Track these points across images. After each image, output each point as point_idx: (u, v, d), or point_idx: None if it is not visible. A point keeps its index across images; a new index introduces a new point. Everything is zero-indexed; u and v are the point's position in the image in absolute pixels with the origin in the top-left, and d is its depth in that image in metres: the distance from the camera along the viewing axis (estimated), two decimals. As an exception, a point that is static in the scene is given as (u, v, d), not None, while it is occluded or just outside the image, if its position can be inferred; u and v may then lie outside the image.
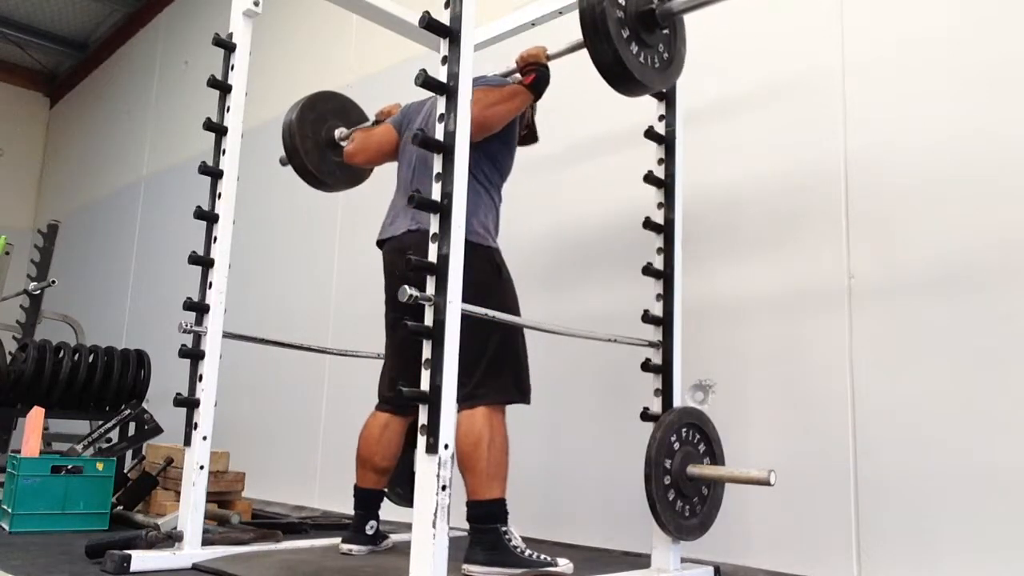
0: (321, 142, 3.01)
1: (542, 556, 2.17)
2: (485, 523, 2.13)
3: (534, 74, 2.36)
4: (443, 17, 1.88)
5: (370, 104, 4.55)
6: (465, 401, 2.15)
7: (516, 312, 2.33)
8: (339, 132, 3.03)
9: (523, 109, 2.40)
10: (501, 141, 2.39)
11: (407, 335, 1.81)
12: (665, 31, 2.13)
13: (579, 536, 2.86)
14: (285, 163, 3.01)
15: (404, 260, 2.29)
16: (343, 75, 4.54)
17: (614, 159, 3.07)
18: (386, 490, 2.57)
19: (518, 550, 2.14)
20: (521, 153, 2.69)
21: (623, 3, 1.99)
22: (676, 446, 2.19)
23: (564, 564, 2.21)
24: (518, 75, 2.44)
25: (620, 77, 2.01)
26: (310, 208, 4.52)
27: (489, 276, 2.29)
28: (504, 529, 2.14)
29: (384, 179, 2.89)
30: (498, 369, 2.25)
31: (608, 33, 1.93)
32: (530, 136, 2.66)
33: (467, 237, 2.01)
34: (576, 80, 2.59)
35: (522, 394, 2.30)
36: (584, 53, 2.05)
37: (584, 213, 3.17)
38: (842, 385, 2.35)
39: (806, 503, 2.37)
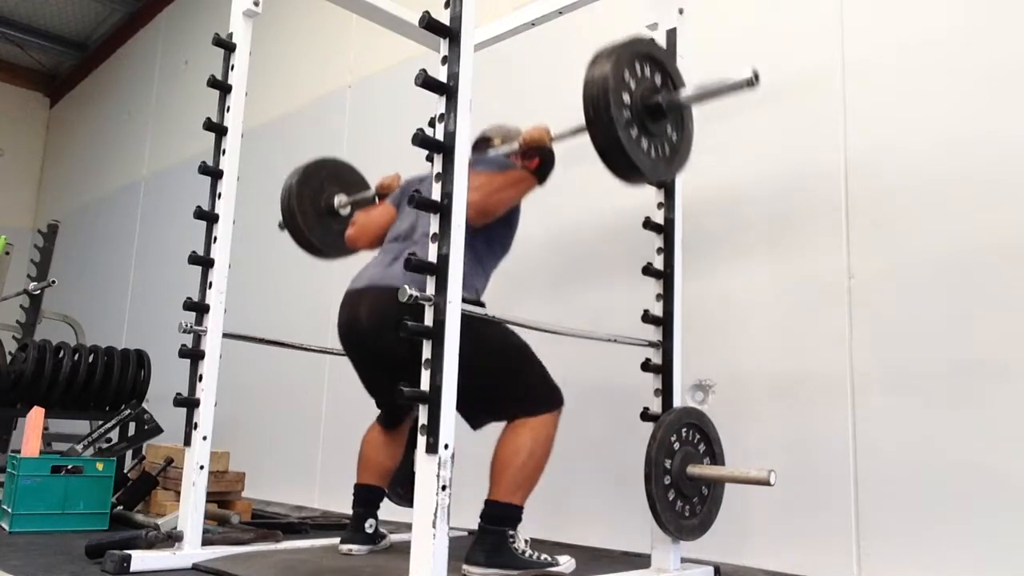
0: (320, 211, 2.98)
1: (543, 557, 2.18)
2: (494, 524, 2.14)
3: (539, 158, 2.33)
4: (443, 17, 1.88)
5: (370, 104, 4.56)
6: (511, 420, 2.20)
7: (514, 337, 2.30)
8: (339, 199, 3.00)
9: (527, 194, 2.35)
10: (503, 223, 2.36)
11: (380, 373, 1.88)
12: (671, 121, 2.06)
13: (579, 536, 2.86)
14: (283, 228, 2.98)
15: (366, 311, 2.25)
16: (343, 75, 4.54)
17: (614, 159, 3.07)
18: (387, 489, 2.58)
19: (519, 551, 2.14)
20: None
21: (628, 100, 1.92)
22: (676, 446, 2.19)
23: (566, 562, 2.21)
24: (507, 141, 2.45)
25: (629, 175, 1.95)
26: (310, 208, 4.52)
27: (478, 326, 2.17)
28: (511, 533, 2.14)
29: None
30: (527, 387, 2.24)
31: (612, 125, 1.84)
32: None
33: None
34: (577, 80, 2.58)
35: (553, 400, 2.28)
36: (584, 48, 2.03)
37: (584, 213, 3.17)
38: (842, 385, 2.35)
39: (806, 503, 2.37)
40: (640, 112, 1.95)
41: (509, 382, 2.25)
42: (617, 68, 1.89)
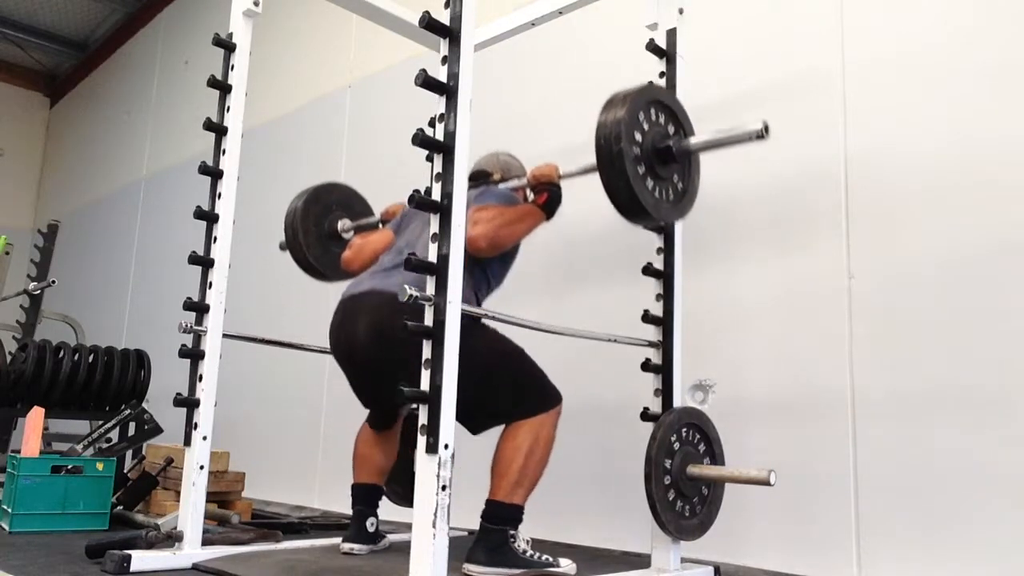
0: (323, 233, 3.01)
1: (544, 557, 2.18)
2: (495, 523, 2.14)
3: (547, 193, 2.38)
4: (443, 17, 1.88)
5: (370, 104, 4.55)
6: (510, 422, 2.22)
7: (507, 344, 2.30)
8: (342, 224, 3.03)
9: (534, 229, 2.37)
10: (499, 257, 2.38)
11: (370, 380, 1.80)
12: (679, 168, 2.11)
13: (579, 536, 2.86)
14: (284, 248, 3.01)
15: (364, 316, 2.24)
16: (343, 75, 4.54)
17: (614, 159, 3.07)
18: (384, 488, 2.58)
19: (520, 551, 2.14)
20: (522, 153, 2.70)
21: (640, 139, 1.98)
22: (676, 446, 2.19)
23: (567, 564, 2.21)
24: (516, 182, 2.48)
25: (633, 211, 1.99)
26: (310, 208, 4.51)
27: (468, 338, 2.15)
28: (512, 532, 2.15)
29: (388, 185, 2.89)
30: (523, 390, 2.25)
31: (622, 163, 1.90)
32: None
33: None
34: (577, 80, 2.60)
35: (551, 400, 2.29)
36: (584, 48, 2.05)
37: (584, 213, 3.16)
38: (842, 385, 2.35)
39: (806, 503, 2.37)
40: (650, 154, 1.99)
41: (504, 387, 2.25)
42: (631, 111, 1.94)
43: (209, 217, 2.44)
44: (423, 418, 1.73)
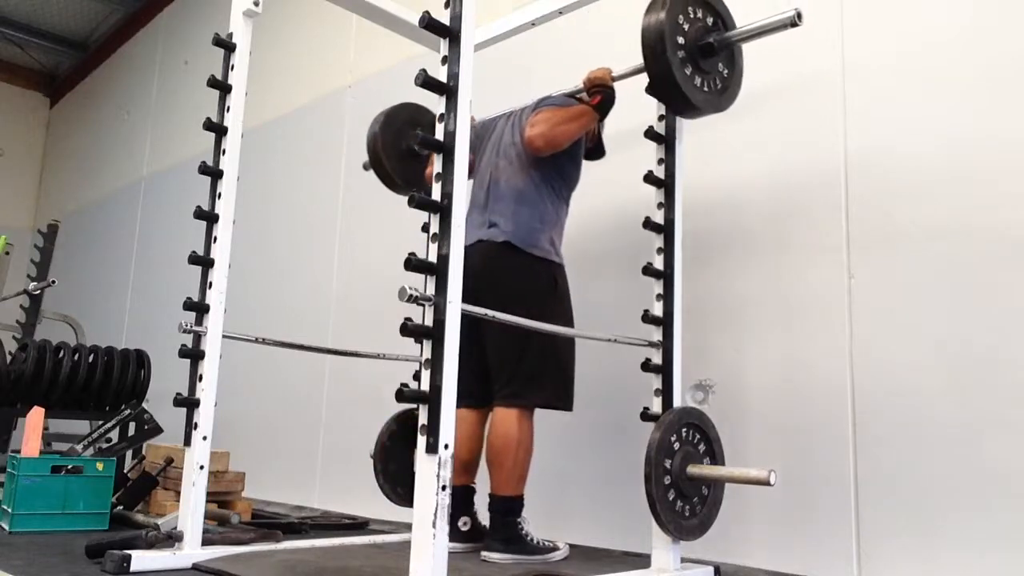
0: (402, 152, 3.18)
1: (546, 542, 2.46)
2: (505, 516, 2.40)
3: (600, 95, 2.51)
4: (443, 17, 1.88)
5: (369, 106, 4.55)
6: (504, 400, 2.42)
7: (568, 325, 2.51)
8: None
9: (589, 128, 2.57)
10: (568, 156, 2.56)
11: (468, 334, 1.93)
12: (723, 58, 2.20)
13: (579, 536, 2.86)
14: (368, 168, 3.22)
15: (472, 267, 2.33)
16: (343, 75, 4.54)
17: (614, 159, 3.06)
18: (385, 488, 2.61)
19: (528, 537, 2.42)
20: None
21: (683, 37, 2.07)
22: (676, 446, 2.19)
23: (563, 547, 2.51)
24: (584, 95, 2.60)
25: (684, 107, 2.11)
26: (310, 208, 4.52)
27: (543, 287, 2.46)
28: (519, 521, 2.42)
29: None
30: (540, 374, 2.44)
31: (669, 68, 2.00)
32: (597, 151, 2.78)
33: (535, 252, 2.41)
34: (578, 80, 2.60)
35: (565, 401, 2.49)
36: (585, 47, 2.06)
37: (584, 213, 3.16)
38: (842, 385, 2.35)
39: (806, 503, 2.37)
40: (693, 52, 2.10)
41: (554, 357, 2.44)
42: (671, 13, 2.04)
43: (209, 217, 2.44)
44: (423, 418, 1.73)
